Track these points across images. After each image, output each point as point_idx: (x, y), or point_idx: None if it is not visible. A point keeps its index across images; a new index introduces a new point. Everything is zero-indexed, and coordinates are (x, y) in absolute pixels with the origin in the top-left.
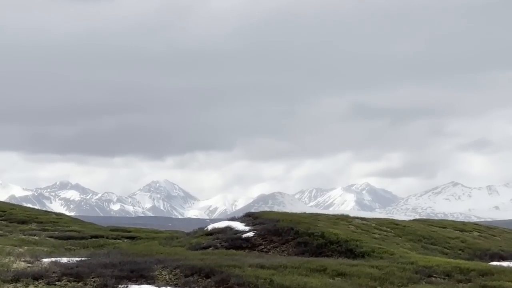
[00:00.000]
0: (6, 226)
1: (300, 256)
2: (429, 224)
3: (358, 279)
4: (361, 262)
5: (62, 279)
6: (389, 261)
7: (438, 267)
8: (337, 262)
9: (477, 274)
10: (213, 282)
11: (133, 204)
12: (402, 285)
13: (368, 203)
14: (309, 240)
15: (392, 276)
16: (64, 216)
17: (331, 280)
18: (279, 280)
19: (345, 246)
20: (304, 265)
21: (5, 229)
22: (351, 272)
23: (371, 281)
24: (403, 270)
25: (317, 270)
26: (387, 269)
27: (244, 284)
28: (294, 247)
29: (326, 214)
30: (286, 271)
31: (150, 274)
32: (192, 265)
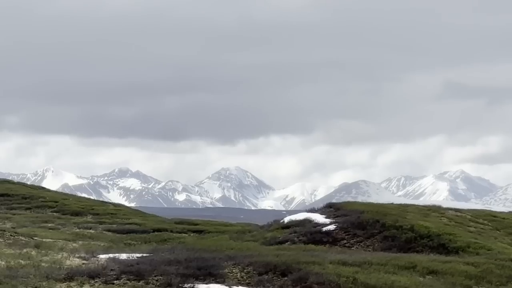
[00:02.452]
0: (59, 218)
1: (387, 251)
2: None
3: (452, 278)
4: (455, 259)
5: (121, 277)
6: (486, 258)
7: None
8: (428, 258)
9: None
10: (290, 281)
11: (201, 194)
12: (500, 284)
13: (463, 193)
14: (397, 234)
15: (489, 275)
16: (123, 207)
17: (421, 279)
18: (363, 278)
19: (437, 241)
20: (391, 262)
21: (57, 222)
22: (444, 270)
23: (466, 280)
24: (502, 267)
25: (405, 268)
26: (484, 266)
27: (324, 282)
28: (380, 242)
29: (416, 205)
30: (371, 268)
31: (220, 272)
32: (267, 262)
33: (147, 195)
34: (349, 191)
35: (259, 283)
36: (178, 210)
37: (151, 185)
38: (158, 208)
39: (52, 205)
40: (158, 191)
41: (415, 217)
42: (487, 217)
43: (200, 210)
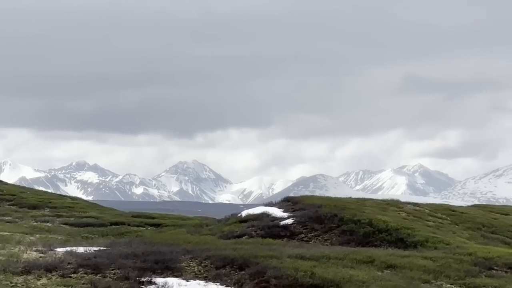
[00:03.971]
0: (16, 211)
1: (345, 245)
2: (490, 210)
3: (410, 272)
4: (413, 253)
5: (78, 270)
6: (444, 252)
7: (499, 258)
8: (386, 252)
9: None
10: (248, 275)
11: (158, 188)
12: (459, 278)
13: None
14: (355, 228)
15: (447, 269)
16: (80, 200)
17: (380, 273)
18: (321, 272)
19: (395, 235)
20: (349, 256)
21: (14, 215)
22: (402, 264)
23: (424, 274)
24: (460, 262)
25: (363, 262)
26: (442, 261)
27: (282, 277)
28: (338, 236)
29: (374, 199)
30: (329, 262)
31: (177, 265)
32: (224, 256)
33: (104, 189)
34: (307, 185)
35: (217, 277)
36: (135, 203)
37: (108, 178)
38: (116, 201)
39: (9, 198)
40: (116, 184)
41: (373, 212)
42: (446, 211)
43: (158, 204)
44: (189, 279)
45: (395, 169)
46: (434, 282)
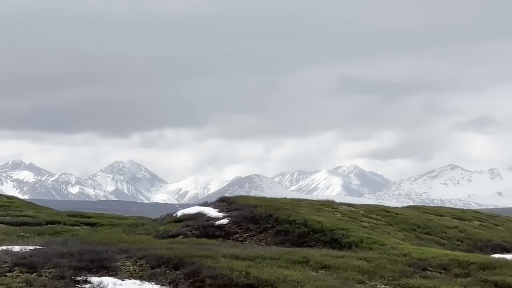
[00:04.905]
0: None
1: (280, 246)
2: (424, 211)
3: (344, 272)
4: (348, 254)
5: (14, 269)
6: (379, 253)
7: (433, 259)
8: (321, 253)
9: (477, 268)
10: (183, 274)
11: (94, 187)
12: (393, 279)
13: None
14: (290, 229)
15: (382, 269)
16: (16, 199)
17: (314, 273)
18: (256, 272)
19: (330, 236)
20: (284, 256)
21: None
22: (337, 265)
23: (359, 275)
24: (394, 262)
25: (298, 262)
26: (377, 261)
27: (217, 276)
28: (273, 236)
29: (309, 200)
30: (264, 262)
31: (112, 264)
32: (159, 255)
33: (40, 188)
34: (242, 185)
35: (152, 277)
36: (71, 203)
37: (44, 177)
38: (52, 200)
39: None
40: (52, 183)
41: (308, 212)
42: (381, 212)
43: (93, 203)
44: (124, 279)
45: (330, 169)
46: (368, 283)
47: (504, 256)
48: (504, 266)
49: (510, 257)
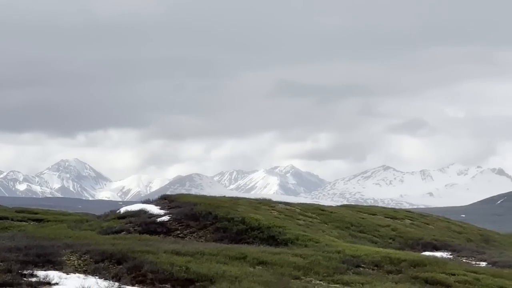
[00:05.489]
0: None
1: (219, 242)
2: (358, 210)
3: (281, 268)
4: (284, 250)
5: None
6: (314, 250)
7: (366, 256)
8: (258, 249)
9: (408, 265)
10: (125, 269)
11: (41, 184)
12: (327, 275)
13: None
14: (229, 226)
15: (317, 266)
16: None
17: (252, 269)
18: (195, 267)
19: (267, 233)
20: (223, 252)
21: None
22: (273, 261)
23: (295, 271)
24: (329, 259)
25: (236, 258)
26: (312, 258)
27: (158, 271)
28: (213, 233)
29: (247, 198)
30: (203, 258)
31: (58, 259)
32: (103, 250)
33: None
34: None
35: (96, 271)
36: (19, 199)
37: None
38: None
39: None
40: (0, 181)
41: (246, 210)
42: (316, 210)
43: (40, 200)
44: (69, 272)
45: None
46: (303, 278)
47: (434, 254)
48: (434, 264)
49: (440, 255)
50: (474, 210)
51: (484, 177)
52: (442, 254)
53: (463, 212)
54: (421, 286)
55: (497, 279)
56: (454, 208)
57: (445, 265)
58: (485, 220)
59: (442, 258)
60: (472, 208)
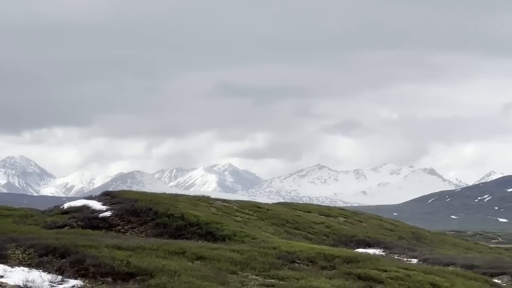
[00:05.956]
0: None
1: (159, 237)
2: (293, 208)
3: (218, 263)
4: (222, 246)
5: None
6: (250, 246)
7: (301, 252)
8: (197, 245)
9: (341, 261)
10: (68, 263)
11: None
12: (263, 270)
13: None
14: (168, 222)
15: (253, 261)
16: None
17: (190, 264)
18: (136, 262)
19: (205, 229)
20: (163, 247)
21: None
22: (211, 256)
23: (232, 266)
24: (265, 255)
25: (176, 253)
26: (249, 253)
27: (100, 265)
28: (153, 228)
29: (187, 195)
30: (144, 252)
31: (3, 253)
32: (47, 245)
33: None
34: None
35: (40, 264)
36: None
37: None
38: None
39: None
40: None
41: (185, 206)
42: (253, 208)
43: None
44: (14, 266)
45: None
46: (240, 273)
47: (367, 251)
48: (366, 260)
49: (372, 252)
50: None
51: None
52: (375, 251)
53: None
54: (354, 282)
55: (428, 276)
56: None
57: (378, 261)
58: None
59: (375, 254)
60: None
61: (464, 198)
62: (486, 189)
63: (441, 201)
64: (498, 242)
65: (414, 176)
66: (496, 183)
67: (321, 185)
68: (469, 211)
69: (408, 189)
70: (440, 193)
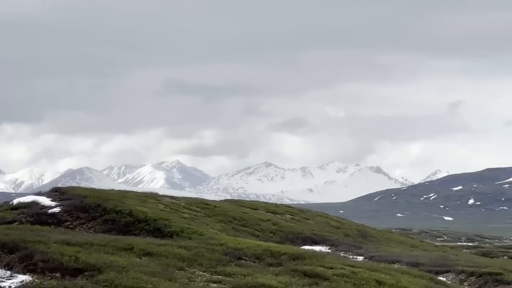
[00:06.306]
0: None
1: (107, 233)
2: (240, 205)
3: (166, 259)
4: (170, 242)
5: None
6: (198, 242)
7: (248, 249)
8: (145, 241)
9: (288, 258)
10: (17, 258)
11: None
12: (210, 266)
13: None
14: (117, 218)
15: (200, 257)
16: None
17: (138, 260)
18: (84, 257)
19: (153, 225)
20: (111, 243)
21: None
22: (159, 252)
23: (179, 262)
24: (212, 251)
25: (124, 249)
26: (196, 250)
27: (48, 260)
28: (101, 224)
29: (135, 192)
30: (92, 248)
31: None
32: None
33: None
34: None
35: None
36: None
37: None
38: None
39: None
40: None
41: (134, 203)
42: (200, 204)
43: None
44: None
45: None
46: (188, 269)
47: (313, 248)
48: (312, 257)
49: (318, 249)
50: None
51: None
52: (321, 248)
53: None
54: (300, 279)
55: (374, 273)
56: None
57: (324, 258)
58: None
59: (321, 252)
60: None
61: (410, 197)
62: (432, 188)
63: (387, 199)
64: (443, 240)
65: (361, 174)
66: (442, 182)
67: (268, 183)
68: (414, 210)
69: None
70: (386, 191)
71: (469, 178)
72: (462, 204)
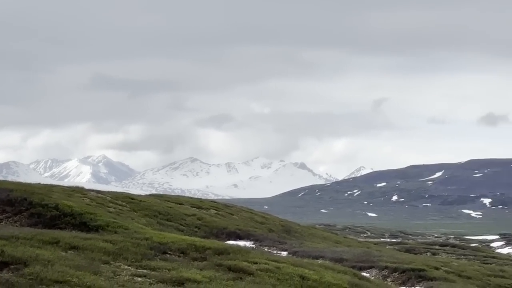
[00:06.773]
0: None
1: (33, 227)
2: (166, 199)
3: (91, 253)
4: (95, 236)
5: None
6: (123, 236)
7: (173, 244)
8: (71, 235)
9: (213, 253)
10: None
11: None
12: (135, 260)
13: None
14: (43, 212)
15: (126, 252)
16: None
17: (64, 253)
18: (10, 251)
19: (79, 219)
20: (37, 237)
21: None
22: (84, 246)
23: (105, 256)
24: (137, 245)
25: (49, 243)
26: (121, 244)
27: None
28: (27, 218)
29: (61, 186)
30: (18, 242)
31: None
32: None
33: None
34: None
35: None
36: None
37: None
38: None
39: None
40: None
41: (60, 197)
42: (126, 199)
43: None
44: None
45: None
46: (113, 263)
47: (238, 243)
48: (237, 252)
49: (243, 244)
50: (277, 202)
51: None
52: (245, 243)
53: (266, 203)
54: (225, 273)
55: (297, 268)
56: (257, 200)
57: (248, 253)
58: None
59: (245, 247)
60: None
61: (334, 193)
62: (356, 184)
63: (311, 195)
64: (367, 236)
65: (285, 170)
66: (366, 178)
67: (193, 178)
68: (338, 205)
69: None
70: (311, 187)
71: (393, 175)
72: (385, 200)
